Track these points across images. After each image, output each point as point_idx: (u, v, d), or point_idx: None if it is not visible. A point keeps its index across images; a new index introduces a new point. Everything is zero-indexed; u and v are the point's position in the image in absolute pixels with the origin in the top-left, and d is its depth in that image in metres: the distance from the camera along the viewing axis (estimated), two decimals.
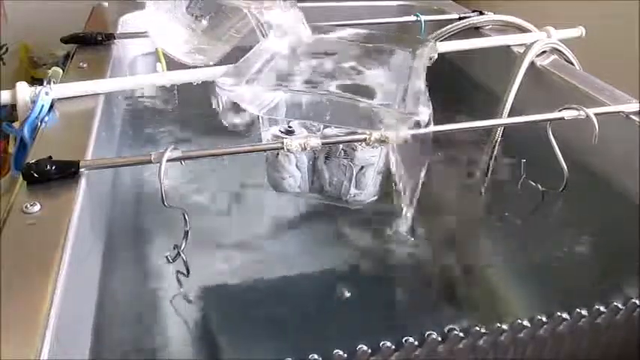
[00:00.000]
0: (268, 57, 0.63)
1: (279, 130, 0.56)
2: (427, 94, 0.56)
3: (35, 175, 0.46)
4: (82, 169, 0.48)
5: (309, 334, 0.48)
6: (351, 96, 0.55)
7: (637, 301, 0.52)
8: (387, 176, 0.59)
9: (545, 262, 0.59)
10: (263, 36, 0.67)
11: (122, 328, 0.48)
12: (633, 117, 0.64)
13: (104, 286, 0.49)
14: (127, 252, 0.56)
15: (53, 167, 0.47)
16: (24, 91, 0.61)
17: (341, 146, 0.55)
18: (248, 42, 0.69)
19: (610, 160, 0.68)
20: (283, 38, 0.67)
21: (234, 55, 0.65)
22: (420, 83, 0.58)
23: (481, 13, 0.99)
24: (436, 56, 0.69)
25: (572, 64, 0.85)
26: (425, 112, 0.52)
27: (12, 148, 0.59)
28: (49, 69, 0.71)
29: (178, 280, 0.53)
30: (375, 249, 0.60)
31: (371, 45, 0.70)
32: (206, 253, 0.57)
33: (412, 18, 1.01)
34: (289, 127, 0.56)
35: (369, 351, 0.45)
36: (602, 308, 0.51)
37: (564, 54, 0.85)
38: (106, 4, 1.05)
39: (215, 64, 0.71)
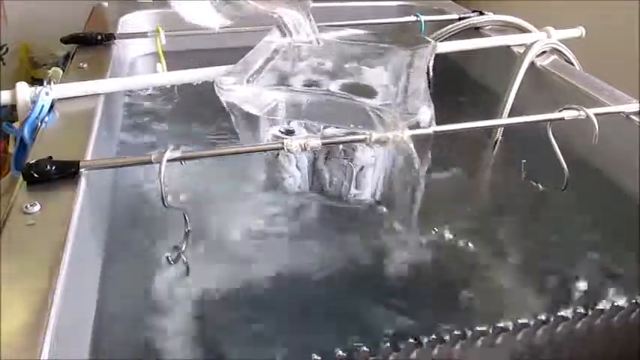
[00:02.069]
0: (268, 56, 0.63)
1: (279, 130, 0.56)
2: (428, 93, 0.56)
3: (35, 175, 0.46)
4: (82, 169, 0.48)
5: (309, 334, 0.48)
6: (351, 96, 0.55)
7: (638, 301, 0.52)
8: (387, 176, 0.59)
9: (545, 261, 0.59)
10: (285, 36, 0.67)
11: (122, 328, 0.48)
12: (633, 117, 0.64)
13: (104, 286, 0.49)
14: (127, 252, 0.56)
15: (53, 167, 0.47)
16: (24, 91, 0.61)
17: (341, 146, 0.55)
18: (248, 42, 0.69)
19: (610, 160, 0.68)
20: (289, 37, 0.67)
21: (234, 55, 0.65)
22: (421, 83, 0.58)
23: (481, 14, 0.99)
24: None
25: (572, 64, 0.85)
26: (426, 112, 0.52)
27: (12, 148, 0.59)
28: (49, 69, 0.71)
29: (179, 281, 0.53)
30: (375, 249, 0.60)
31: (371, 45, 0.70)
32: (206, 254, 0.57)
33: (412, 18, 1.01)
34: (289, 127, 0.56)
35: (369, 351, 0.45)
36: (602, 308, 0.51)
37: (564, 54, 0.85)
38: (105, 4, 1.05)
39: (215, 65, 0.71)
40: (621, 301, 0.52)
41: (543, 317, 0.50)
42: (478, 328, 0.48)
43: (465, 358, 0.48)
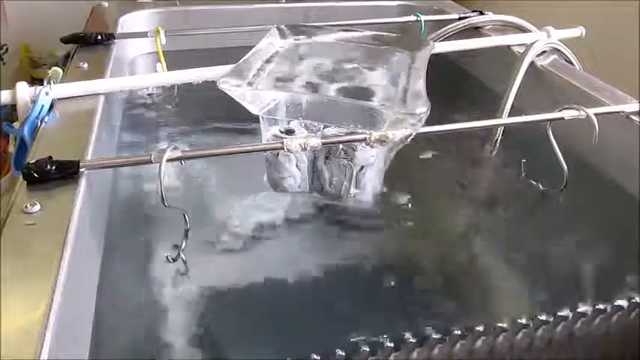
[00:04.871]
0: (268, 57, 0.63)
1: (279, 130, 0.56)
2: (426, 94, 0.56)
3: (35, 175, 0.46)
4: (82, 169, 0.48)
5: (309, 334, 0.48)
6: (351, 97, 0.55)
7: (638, 300, 0.52)
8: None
9: (545, 261, 0.59)
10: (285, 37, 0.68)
11: (122, 327, 0.48)
12: (633, 117, 0.64)
13: (104, 286, 0.49)
14: (127, 252, 0.56)
15: (53, 167, 0.47)
16: (24, 91, 0.61)
17: (341, 146, 0.55)
18: (248, 42, 0.69)
19: (610, 160, 0.68)
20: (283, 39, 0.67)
21: (234, 55, 0.65)
22: (420, 84, 0.58)
23: (481, 13, 0.99)
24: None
25: (572, 64, 0.85)
26: (424, 113, 0.52)
27: (12, 148, 0.59)
28: (49, 69, 0.71)
29: (178, 280, 0.53)
30: (374, 248, 0.60)
31: (371, 46, 0.70)
32: (206, 253, 0.57)
33: (412, 18, 1.01)
34: (289, 127, 0.56)
35: (369, 351, 0.45)
36: (602, 307, 0.51)
37: (564, 54, 0.85)
38: (106, 4, 1.05)
39: (215, 65, 0.71)
40: (621, 301, 0.52)
41: (543, 317, 0.50)
42: (478, 328, 0.48)
43: (465, 358, 0.48)
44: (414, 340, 0.46)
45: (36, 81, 0.65)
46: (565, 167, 0.60)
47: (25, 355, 0.32)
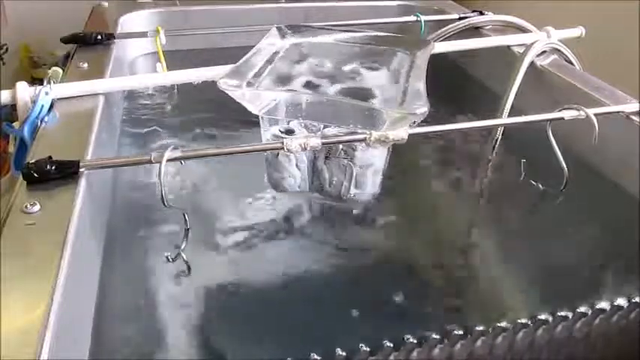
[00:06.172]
0: (268, 58, 0.63)
1: (279, 130, 0.56)
2: (426, 94, 0.56)
3: (35, 175, 0.46)
4: (82, 169, 0.48)
5: (310, 334, 0.48)
6: (351, 97, 0.55)
7: (638, 300, 0.52)
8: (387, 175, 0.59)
9: (545, 261, 0.59)
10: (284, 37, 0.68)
11: (122, 327, 0.48)
12: (633, 117, 0.64)
13: (104, 286, 0.49)
14: (127, 252, 0.56)
15: (53, 167, 0.47)
16: (24, 91, 0.61)
17: (341, 146, 0.55)
18: (248, 41, 0.69)
19: (610, 160, 0.68)
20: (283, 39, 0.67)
21: (234, 55, 0.65)
22: (420, 84, 0.58)
23: (481, 13, 0.99)
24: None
25: (572, 64, 0.85)
26: (424, 113, 0.52)
27: (12, 148, 0.59)
28: (49, 69, 0.71)
29: (178, 280, 0.53)
30: (375, 248, 0.60)
31: (371, 46, 0.70)
32: (206, 253, 0.57)
33: (412, 18, 1.01)
34: (289, 126, 0.56)
35: (369, 351, 0.45)
36: (602, 307, 0.51)
37: (564, 54, 0.85)
38: (106, 4, 1.05)
39: (214, 65, 0.71)
40: (621, 301, 0.52)
41: (543, 317, 0.50)
42: (478, 328, 0.48)
43: (465, 358, 0.48)
44: (414, 340, 0.47)
45: (36, 81, 0.65)
46: (565, 167, 0.60)
47: (25, 355, 0.32)
